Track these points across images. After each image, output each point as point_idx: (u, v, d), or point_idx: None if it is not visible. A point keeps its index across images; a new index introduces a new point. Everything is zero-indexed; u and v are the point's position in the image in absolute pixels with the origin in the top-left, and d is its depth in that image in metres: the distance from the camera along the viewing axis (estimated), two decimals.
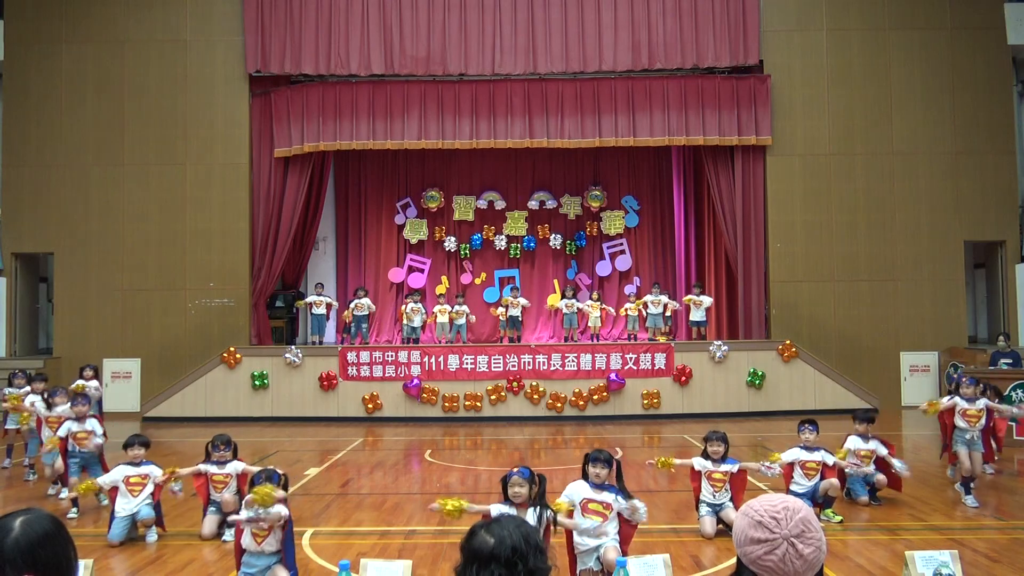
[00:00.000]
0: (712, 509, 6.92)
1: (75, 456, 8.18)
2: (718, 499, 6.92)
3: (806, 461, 7.30)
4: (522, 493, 4.94)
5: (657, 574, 4.75)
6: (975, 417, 8.27)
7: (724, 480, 6.94)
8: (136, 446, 7.25)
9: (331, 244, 19.04)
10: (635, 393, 15.01)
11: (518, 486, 4.95)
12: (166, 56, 16.64)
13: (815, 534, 1.80)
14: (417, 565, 5.43)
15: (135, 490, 7.04)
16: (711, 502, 6.94)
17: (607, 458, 5.42)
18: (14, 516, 1.96)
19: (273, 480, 5.37)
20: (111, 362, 16.18)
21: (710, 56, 16.13)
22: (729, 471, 6.95)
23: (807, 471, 7.30)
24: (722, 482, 6.93)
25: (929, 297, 16.30)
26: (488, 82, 16.28)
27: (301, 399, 15.15)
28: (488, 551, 2.04)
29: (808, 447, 7.38)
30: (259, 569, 5.33)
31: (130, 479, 7.07)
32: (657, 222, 19.01)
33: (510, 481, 5.00)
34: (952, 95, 16.50)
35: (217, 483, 7.08)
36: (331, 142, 16.28)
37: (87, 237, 16.49)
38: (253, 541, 5.29)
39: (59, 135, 16.63)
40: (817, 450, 7.37)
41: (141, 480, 7.11)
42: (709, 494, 6.94)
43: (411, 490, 9.30)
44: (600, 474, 5.40)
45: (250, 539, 5.30)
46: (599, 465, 5.40)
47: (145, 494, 7.08)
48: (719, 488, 6.92)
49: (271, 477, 5.37)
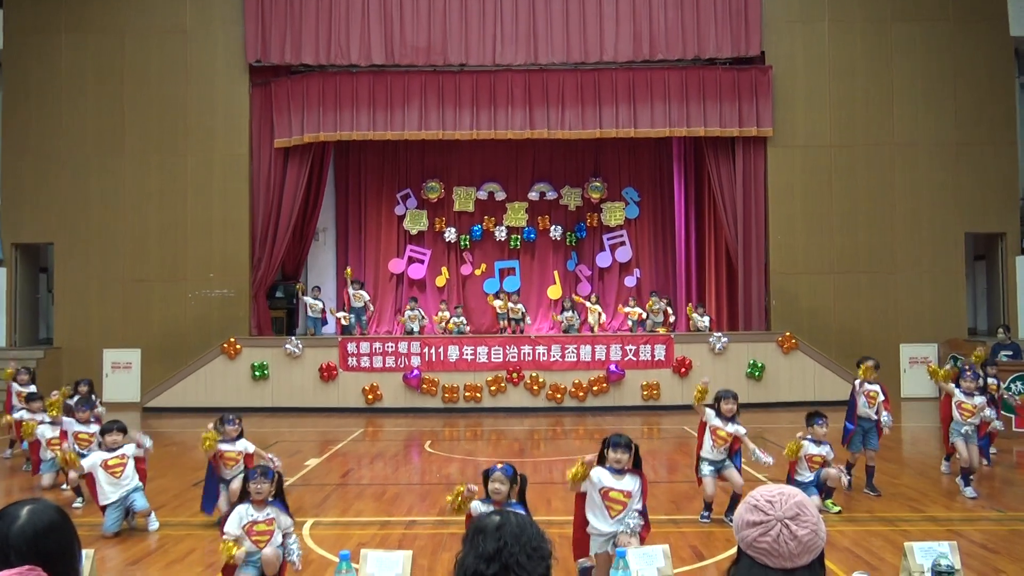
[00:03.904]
0: (714, 468, 7.05)
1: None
2: (717, 455, 7.05)
3: (813, 455, 7.33)
4: (502, 491, 4.78)
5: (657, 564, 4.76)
6: (969, 412, 8.24)
7: (727, 440, 7.07)
8: (114, 432, 7.25)
9: (331, 235, 19.03)
10: (635, 384, 15.03)
11: (499, 483, 4.79)
12: (166, 45, 16.59)
13: (810, 518, 1.82)
14: (417, 555, 5.43)
15: (116, 471, 7.05)
16: (711, 458, 7.07)
17: (627, 442, 5.23)
18: (21, 505, 1.97)
19: (268, 477, 5.35)
20: (111, 352, 16.20)
21: (711, 47, 16.09)
22: (734, 433, 7.07)
23: (811, 463, 7.33)
24: (725, 441, 7.06)
25: (929, 289, 16.30)
26: (489, 72, 16.23)
27: (301, 390, 15.17)
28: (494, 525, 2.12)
29: (816, 440, 7.41)
30: (258, 557, 5.32)
31: (108, 462, 7.09)
32: (657, 213, 18.99)
33: (491, 477, 4.84)
34: (954, 86, 16.45)
35: (228, 460, 7.10)
36: (331, 132, 16.25)
37: (87, 227, 16.48)
38: (255, 547, 5.27)
39: (59, 124, 16.59)
40: (824, 444, 7.41)
41: (120, 461, 7.13)
42: (709, 448, 7.08)
43: (411, 481, 9.32)
44: (621, 459, 5.19)
45: (251, 545, 5.26)
46: (620, 450, 5.19)
47: (128, 474, 7.10)
48: (720, 445, 7.06)
49: (265, 474, 5.34)
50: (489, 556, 2.06)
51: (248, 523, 5.26)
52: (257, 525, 5.27)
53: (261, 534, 5.27)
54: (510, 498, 4.83)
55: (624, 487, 5.21)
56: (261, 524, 5.26)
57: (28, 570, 1.83)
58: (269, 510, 5.28)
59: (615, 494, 5.17)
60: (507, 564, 2.05)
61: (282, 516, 5.35)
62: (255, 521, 5.27)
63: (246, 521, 5.26)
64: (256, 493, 5.25)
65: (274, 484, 5.38)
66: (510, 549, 2.06)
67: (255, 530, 5.27)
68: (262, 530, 5.26)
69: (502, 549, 2.06)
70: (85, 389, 10.69)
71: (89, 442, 8.20)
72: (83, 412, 8.31)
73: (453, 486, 4.97)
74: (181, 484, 8.88)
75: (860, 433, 8.27)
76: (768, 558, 1.81)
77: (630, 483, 5.24)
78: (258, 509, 5.27)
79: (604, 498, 5.17)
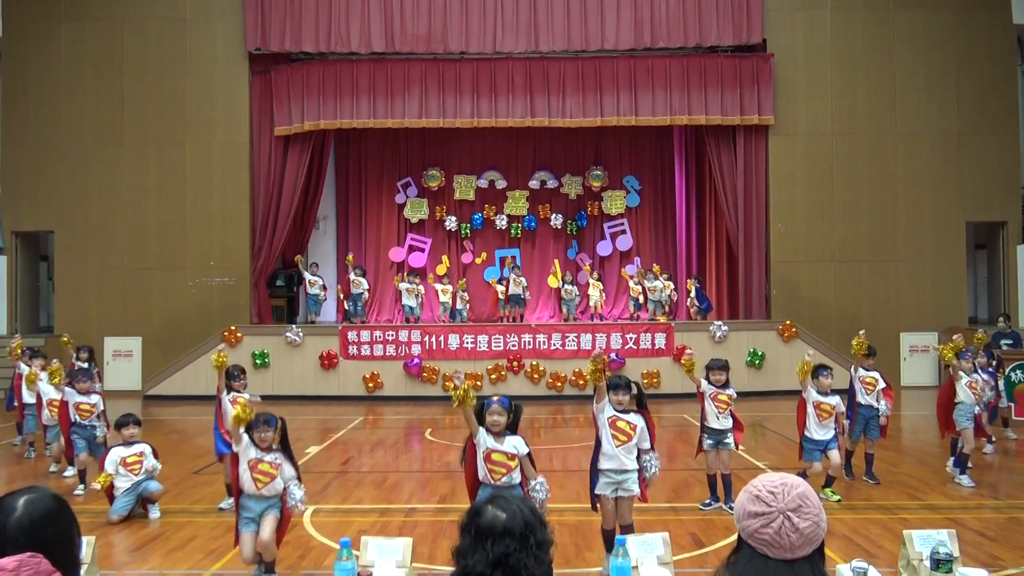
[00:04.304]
0: (715, 441, 7.13)
1: (78, 431, 8.13)
2: (722, 423, 7.12)
3: (821, 402, 7.43)
4: (500, 422, 4.99)
5: (656, 552, 4.77)
6: (977, 393, 8.28)
7: (728, 403, 7.15)
8: (131, 425, 7.33)
9: (331, 223, 19.01)
10: (635, 373, 15.03)
11: (497, 415, 4.99)
12: (165, 34, 16.53)
13: (812, 509, 1.82)
14: (417, 543, 5.45)
15: (134, 469, 7.11)
16: (714, 427, 7.14)
17: (627, 383, 5.51)
18: (18, 495, 1.97)
19: (270, 424, 5.35)
20: (112, 340, 16.21)
21: (713, 35, 16.02)
22: (731, 396, 7.19)
23: (821, 412, 7.39)
24: (726, 404, 7.14)
25: (930, 278, 16.29)
26: (489, 60, 16.18)
27: (302, 378, 15.19)
28: (501, 526, 2.09)
29: (823, 391, 7.49)
30: (256, 513, 5.33)
31: (127, 460, 7.12)
32: (658, 202, 18.96)
33: (489, 409, 5.02)
34: (956, 75, 16.39)
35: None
36: (331, 120, 16.21)
37: (87, 216, 16.46)
38: (254, 485, 5.28)
39: (58, 114, 16.55)
40: (833, 394, 7.48)
41: (138, 458, 7.17)
42: (714, 416, 7.16)
43: (411, 468, 9.35)
44: (622, 400, 5.47)
45: (251, 483, 5.29)
46: (620, 392, 5.46)
47: (146, 470, 7.16)
48: (723, 410, 7.14)
49: (268, 422, 5.35)
50: (495, 561, 2.06)
51: (254, 459, 5.29)
52: (262, 464, 5.29)
53: (263, 474, 5.28)
54: (506, 428, 5.00)
55: (630, 419, 5.46)
56: (266, 464, 5.28)
57: (29, 556, 1.84)
58: (276, 455, 5.32)
59: (622, 423, 5.41)
60: (514, 568, 2.06)
61: (286, 466, 5.36)
62: (260, 460, 5.29)
63: (252, 456, 5.29)
64: (261, 441, 5.29)
65: (278, 432, 5.39)
66: (517, 555, 2.07)
67: (259, 468, 5.28)
68: (265, 470, 5.28)
69: (509, 555, 2.06)
70: (85, 356, 10.66)
71: (90, 413, 8.17)
72: (83, 382, 8.22)
73: (453, 473, 4.99)
74: (182, 472, 8.90)
75: (861, 422, 8.26)
76: (769, 549, 1.81)
77: (636, 419, 5.49)
78: (266, 453, 5.32)
79: (611, 427, 5.42)
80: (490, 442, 4.96)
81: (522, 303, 16.37)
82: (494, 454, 4.92)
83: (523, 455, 4.98)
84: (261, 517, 5.28)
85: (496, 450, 4.93)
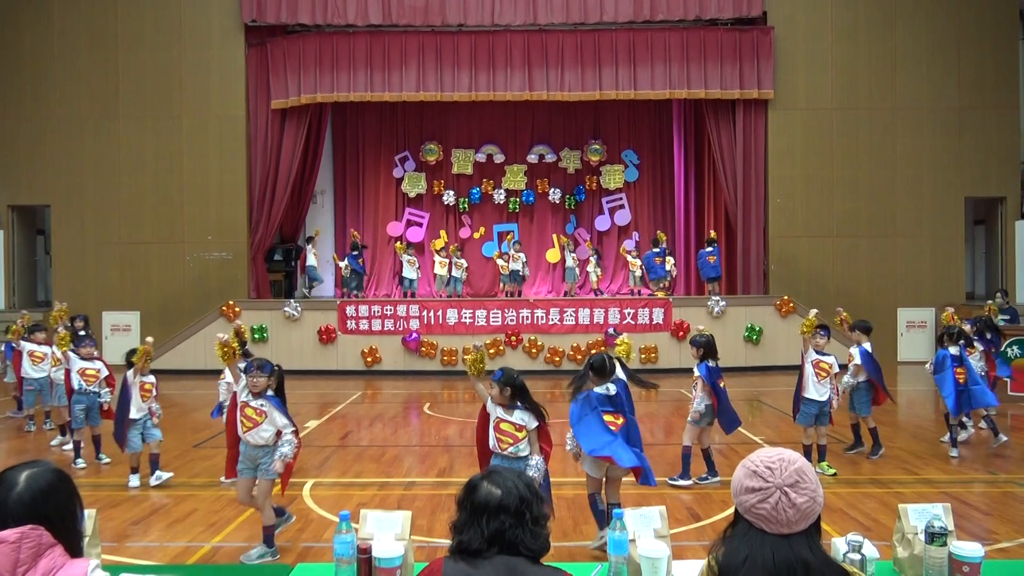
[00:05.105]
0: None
1: (82, 399, 8.11)
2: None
3: (819, 360, 7.51)
4: (497, 395, 5.05)
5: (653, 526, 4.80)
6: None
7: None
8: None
9: (329, 197, 18.95)
10: (633, 347, 15.04)
11: (494, 388, 5.06)
12: (160, 5, 16.34)
13: (809, 484, 1.83)
14: (416, 516, 5.48)
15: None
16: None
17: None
18: (20, 469, 1.98)
19: (264, 370, 5.37)
20: (110, 315, 16.21)
21: (713, 7, 15.87)
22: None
23: (819, 371, 7.47)
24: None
25: (928, 253, 16.29)
26: (487, 33, 16.03)
27: (300, 352, 15.21)
28: (496, 502, 2.11)
29: (820, 351, 7.57)
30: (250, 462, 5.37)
31: (144, 385, 7.38)
32: (657, 176, 18.89)
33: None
34: (957, 50, 16.27)
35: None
36: (328, 94, 16.09)
37: (83, 190, 16.39)
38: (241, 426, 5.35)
39: (53, 87, 16.42)
40: (830, 354, 7.60)
41: (151, 384, 7.44)
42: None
43: (410, 442, 9.39)
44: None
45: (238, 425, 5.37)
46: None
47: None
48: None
49: (262, 367, 5.37)
50: (491, 538, 2.08)
51: (243, 402, 5.38)
52: (248, 408, 5.36)
53: (247, 418, 5.36)
54: (513, 400, 4.99)
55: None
56: (251, 409, 5.35)
57: (31, 529, 1.85)
58: (263, 401, 5.37)
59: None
60: (511, 542, 2.08)
61: (276, 414, 5.37)
62: (247, 403, 5.37)
63: (242, 399, 5.38)
64: (253, 386, 5.35)
65: (272, 379, 5.47)
66: (513, 531, 2.09)
67: (245, 411, 5.37)
68: (250, 415, 5.35)
69: (505, 531, 2.08)
70: (81, 324, 10.69)
71: (96, 377, 8.14)
72: (86, 347, 8.19)
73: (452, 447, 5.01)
74: (182, 445, 8.95)
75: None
76: (765, 524, 1.82)
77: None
78: (254, 399, 5.38)
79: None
80: (499, 412, 5.02)
81: (520, 279, 16.37)
82: (502, 423, 4.99)
83: (531, 429, 4.99)
84: (258, 471, 5.39)
85: (504, 419, 4.99)
